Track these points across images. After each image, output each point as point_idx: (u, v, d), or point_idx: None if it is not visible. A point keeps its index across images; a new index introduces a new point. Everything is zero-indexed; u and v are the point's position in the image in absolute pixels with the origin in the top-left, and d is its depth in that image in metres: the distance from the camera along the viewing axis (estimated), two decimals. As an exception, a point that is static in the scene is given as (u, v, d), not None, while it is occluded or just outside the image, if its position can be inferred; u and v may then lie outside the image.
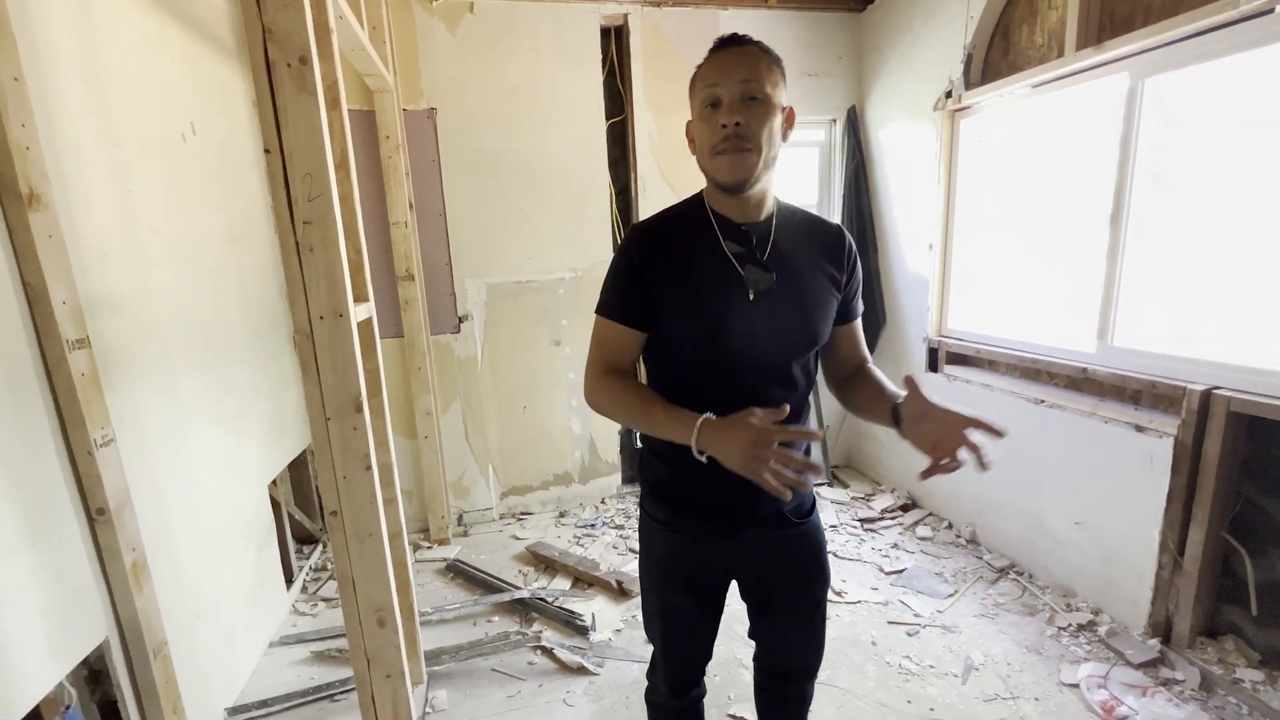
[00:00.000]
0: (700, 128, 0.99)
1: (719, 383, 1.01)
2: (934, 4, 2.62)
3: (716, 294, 0.99)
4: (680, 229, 1.04)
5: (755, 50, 0.95)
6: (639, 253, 1.02)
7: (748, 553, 1.10)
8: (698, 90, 0.98)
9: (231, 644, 1.90)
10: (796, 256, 1.03)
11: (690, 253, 1.02)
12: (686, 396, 0.99)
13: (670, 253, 1.02)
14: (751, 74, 0.93)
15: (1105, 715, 1.68)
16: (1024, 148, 2.39)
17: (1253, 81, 1.67)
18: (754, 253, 1.01)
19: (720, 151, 0.94)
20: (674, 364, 1.06)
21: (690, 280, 1.00)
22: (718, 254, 1.01)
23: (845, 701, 1.79)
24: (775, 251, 1.02)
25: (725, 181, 0.97)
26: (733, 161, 0.94)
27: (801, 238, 1.05)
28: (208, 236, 1.99)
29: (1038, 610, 2.17)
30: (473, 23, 2.69)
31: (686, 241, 1.03)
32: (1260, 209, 1.68)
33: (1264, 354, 1.68)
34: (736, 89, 0.93)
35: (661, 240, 1.03)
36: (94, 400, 1.33)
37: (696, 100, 0.99)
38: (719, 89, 0.94)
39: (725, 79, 0.93)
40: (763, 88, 0.93)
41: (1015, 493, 2.43)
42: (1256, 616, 1.74)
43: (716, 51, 0.97)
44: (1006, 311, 2.53)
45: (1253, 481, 1.72)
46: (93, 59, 1.48)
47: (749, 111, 0.93)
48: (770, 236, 1.03)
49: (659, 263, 1.01)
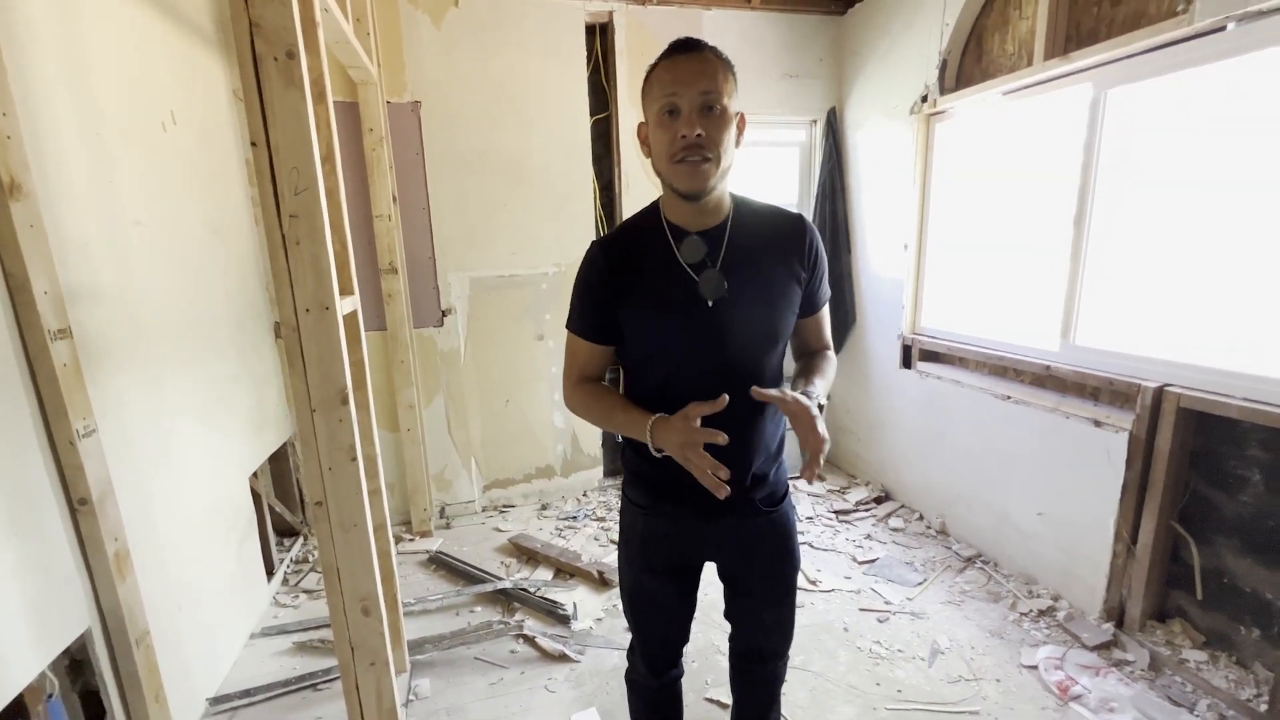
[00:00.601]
0: (657, 134, 0.98)
1: (687, 387, 1.04)
2: (912, 10, 2.69)
3: (675, 305, 1.03)
4: (637, 243, 1.07)
5: (712, 58, 0.96)
6: (597, 271, 1.06)
7: (721, 538, 1.16)
8: (654, 95, 0.97)
9: (213, 635, 1.90)
10: (755, 255, 1.05)
11: (647, 266, 1.05)
12: (659, 401, 1.04)
13: (628, 268, 1.05)
14: (711, 84, 0.93)
15: (1061, 694, 1.78)
16: (995, 152, 2.48)
17: (1205, 96, 1.76)
18: (708, 259, 1.03)
19: (679, 160, 0.96)
20: (644, 372, 1.11)
21: (649, 294, 1.04)
22: (673, 265, 1.03)
23: (818, 685, 1.86)
24: (732, 253, 1.04)
25: (684, 190, 0.99)
26: (692, 171, 0.96)
27: (760, 234, 1.07)
28: (189, 227, 1.98)
29: (1001, 597, 2.27)
30: (458, 16, 2.69)
31: (643, 255, 1.05)
32: (1211, 218, 1.77)
33: (1211, 354, 1.78)
34: (696, 100, 0.93)
35: (619, 257, 1.06)
36: (76, 391, 1.33)
37: (653, 105, 0.98)
38: (678, 98, 0.94)
39: (684, 88, 0.93)
40: (721, 98, 0.94)
41: (983, 486, 2.53)
42: (1201, 601, 1.85)
43: (672, 56, 0.96)
44: (976, 310, 2.62)
45: (1199, 473, 1.83)
46: (73, 46, 1.47)
47: (708, 122, 0.94)
48: (725, 238, 1.04)
49: (617, 280, 1.05)
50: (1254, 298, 1.70)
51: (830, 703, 1.79)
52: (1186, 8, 1.68)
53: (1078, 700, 1.75)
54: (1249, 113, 1.67)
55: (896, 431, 3.04)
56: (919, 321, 2.93)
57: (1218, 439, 1.78)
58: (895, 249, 2.96)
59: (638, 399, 1.11)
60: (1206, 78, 1.74)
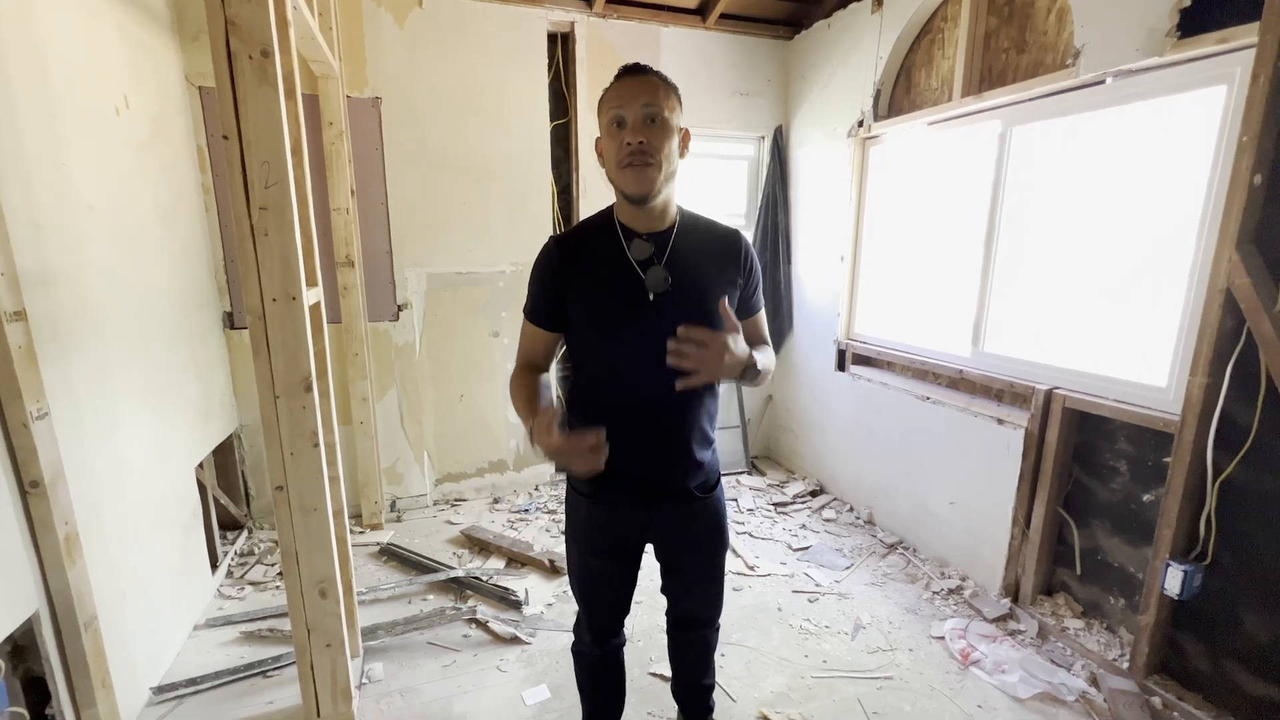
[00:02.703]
0: (607, 144, 1.11)
1: (626, 374, 1.17)
2: (851, 43, 2.92)
3: (619, 295, 1.15)
4: (590, 239, 1.20)
5: (655, 79, 1.09)
6: (550, 262, 1.18)
7: (659, 521, 1.28)
8: (605, 110, 1.11)
9: (157, 624, 1.89)
10: (696, 260, 1.18)
11: (598, 260, 1.17)
12: (600, 386, 1.17)
13: (580, 261, 1.17)
14: (652, 99, 1.07)
15: (962, 660, 2.00)
16: (921, 175, 2.73)
17: (1090, 139, 2.03)
18: (654, 258, 1.16)
19: (626, 165, 1.08)
20: (588, 358, 1.23)
21: (596, 284, 1.16)
22: (621, 260, 1.15)
23: (753, 658, 2.03)
24: (675, 256, 1.16)
25: (631, 193, 1.11)
26: (637, 174, 1.08)
27: (701, 242, 1.20)
28: (139, 213, 1.96)
29: (918, 578, 2.51)
30: (421, 17, 2.74)
31: (595, 250, 1.18)
32: (1092, 244, 2.05)
33: (1090, 360, 2.05)
34: (639, 111, 1.06)
35: (572, 251, 1.19)
36: (30, 373, 1.33)
37: (604, 119, 1.11)
38: (623, 110, 1.07)
39: (629, 102, 1.07)
40: (662, 111, 1.07)
41: (904, 478, 2.77)
42: (1080, 575, 2.13)
43: (621, 78, 1.10)
44: (903, 318, 2.87)
45: (1080, 465, 2.10)
46: (26, 25, 1.46)
47: (650, 131, 1.07)
48: (670, 242, 1.17)
49: (569, 271, 1.17)
50: (1122, 312, 1.98)
51: (763, 673, 1.96)
52: (1074, 61, 1.94)
53: (976, 664, 1.98)
54: (1121, 157, 1.95)
55: (831, 430, 3.27)
56: (853, 328, 3.17)
57: (1094, 434, 2.05)
58: (832, 260, 3.19)
59: (584, 386, 1.24)
60: (1091, 123, 2.02)
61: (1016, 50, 2.21)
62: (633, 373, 1.17)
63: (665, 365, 1.14)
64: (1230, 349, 1.61)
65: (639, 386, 1.17)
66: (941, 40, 2.53)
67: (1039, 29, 2.12)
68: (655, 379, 1.10)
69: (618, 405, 1.19)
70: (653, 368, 1.14)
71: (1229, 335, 1.61)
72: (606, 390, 1.19)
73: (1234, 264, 1.56)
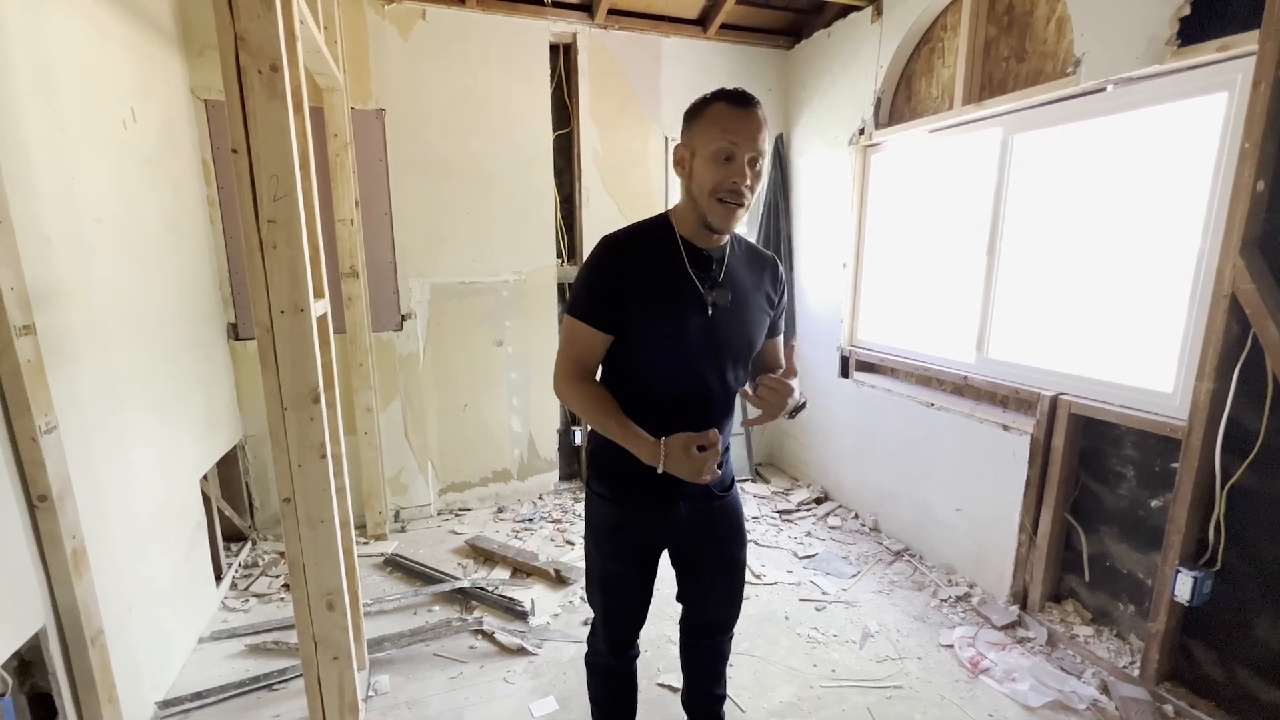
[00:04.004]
0: (706, 169, 1.10)
1: (671, 380, 1.19)
2: (851, 52, 2.94)
3: (681, 308, 1.17)
4: (650, 248, 1.19)
5: (761, 118, 1.10)
6: (614, 265, 1.17)
7: (680, 521, 1.29)
8: (712, 135, 1.08)
9: (163, 638, 1.88)
10: (744, 279, 1.23)
11: (659, 270, 1.18)
12: (641, 389, 1.19)
13: (641, 268, 1.17)
14: (761, 145, 1.09)
15: (972, 668, 1.99)
16: (923, 182, 2.74)
17: (1092, 146, 2.05)
18: (713, 274, 1.20)
19: (723, 200, 1.10)
20: (636, 364, 1.22)
21: (659, 294, 1.17)
22: (684, 274, 1.18)
23: (760, 668, 2.01)
24: (728, 274, 1.21)
25: (717, 225, 1.13)
26: (729, 213, 1.11)
27: (747, 263, 1.26)
28: (146, 225, 1.97)
29: (925, 586, 2.50)
30: (425, 29, 2.76)
31: (656, 260, 1.18)
32: (1096, 250, 2.06)
33: (1095, 366, 2.06)
34: (750, 153, 1.08)
35: (633, 256, 1.18)
36: (39, 387, 1.33)
37: (709, 144, 1.09)
38: (737, 147, 1.07)
39: (744, 140, 1.07)
40: (761, 158, 1.11)
41: (909, 485, 2.77)
42: (1089, 582, 2.12)
43: (736, 105, 1.09)
44: (906, 325, 2.88)
45: (1087, 471, 2.10)
46: (37, 39, 1.47)
47: (753, 174, 1.10)
48: (725, 261, 1.22)
49: (631, 276, 1.16)
50: (1126, 318, 1.98)
51: (772, 683, 1.94)
52: (1075, 70, 1.96)
53: (986, 673, 1.97)
54: (1123, 164, 1.96)
55: (835, 437, 3.27)
56: (856, 334, 3.17)
57: (1101, 440, 2.05)
58: (834, 267, 3.20)
59: (620, 387, 1.22)
60: (1093, 130, 2.03)
61: (1017, 59, 2.23)
62: (679, 379, 1.20)
63: (711, 374, 1.20)
64: (1236, 354, 1.61)
65: (683, 392, 1.21)
66: (942, 49, 2.55)
67: (1039, 38, 2.14)
68: (700, 386, 1.15)
69: (655, 408, 1.20)
70: (701, 375, 1.20)
71: (1234, 340, 1.61)
72: (647, 393, 1.21)
73: (1238, 269, 1.57)
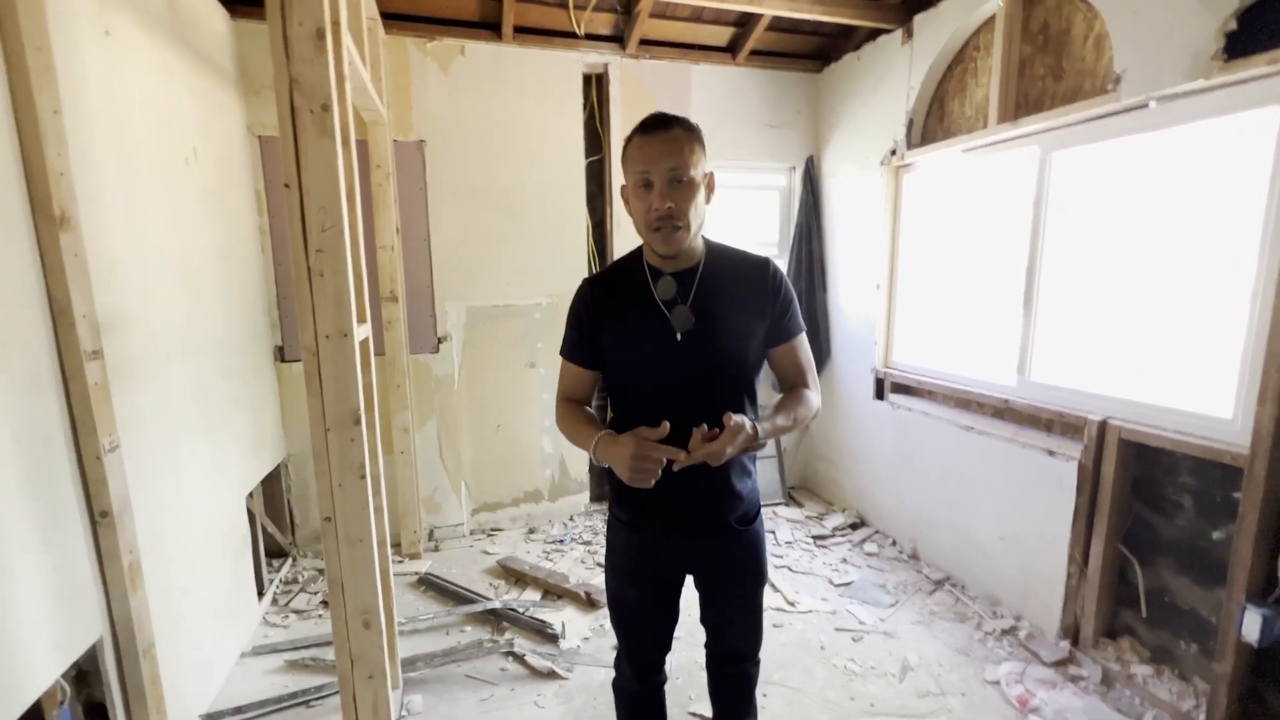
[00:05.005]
0: (635, 203, 1.14)
1: (660, 409, 1.14)
2: (880, 74, 2.95)
3: (647, 335, 1.18)
4: (620, 281, 1.24)
5: (680, 133, 1.09)
6: (585, 304, 1.24)
7: (697, 553, 1.28)
8: (630, 169, 1.13)
9: (206, 651, 1.94)
10: (722, 294, 1.18)
11: (627, 301, 1.21)
12: (635, 420, 1.15)
13: (611, 302, 1.22)
14: (677, 160, 1.08)
15: (1020, 707, 1.90)
16: (958, 202, 2.70)
17: (1134, 163, 1.99)
18: (679, 297, 1.17)
19: (655, 229, 1.11)
20: (623, 394, 1.27)
21: (627, 324, 1.20)
22: (649, 301, 1.19)
23: (795, 700, 1.96)
24: (701, 292, 1.18)
25: (661, 252, 1.16)
26: (665, 237, 1.12)
27: (728, 275, 1.20)
28: (203, 254, 2.09)
29: (968, 617, 2.40)
30: (464, 64, 2.88)
31: (624, 292, 1.22)
32: (1142, 270, 1.99)
33: (1146, 390, 1.97)
34: (665, 175, 1.08)
35: (604, 293, 1.24)
36: (104, 408, 1.41)
37: (630, 177, 1.14)
38: (649, 173, 1.09)
39: (654, 164, 1.08)
40: (687, 171, 1.08)
41: (950, 511, 2.68)
42: (1146, 618, 2.00)
43: (645, 133, 1.11)
44: (943, 346, 2.81)
45: (1140, 500, 2.00)
46: (115, 89, 1.59)
47: (677, 193, 1.09)
48: (696, 280, 1.19)
49: (601, 312, 1.22)
50: (1178, 340, 1.90)
51: (807, 715, 1.88)
52: (1115, 86, 1.92)
53: (1035, 713, 1.87)
54: (1169, 180, 1.90)
55: (870, 460, 3.19)
56: (890, 356, 3.11)
57: (1155, 467, 1.95)
58: (868, 288, 3.16)
59: (621, 419, 1.26)
60: (1135, 147, 1.98)
61: (1054, 77, 2.20)
62: (664, 409, 1.16)
63: (694, 396, 1.17)
64: (1301, 378, 1.53)
65: (665, 414, 1.15)
66: (975, 69, 2.53)
67: (1076, 55, 2.10)
68: (687, 415, 1.10)
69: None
70: (683, 403, 1.16)
71: (1299, 363, 1.53)
72: (641, 420, 1.17)
73: (1300, 289, 1.49)
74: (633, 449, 1.06)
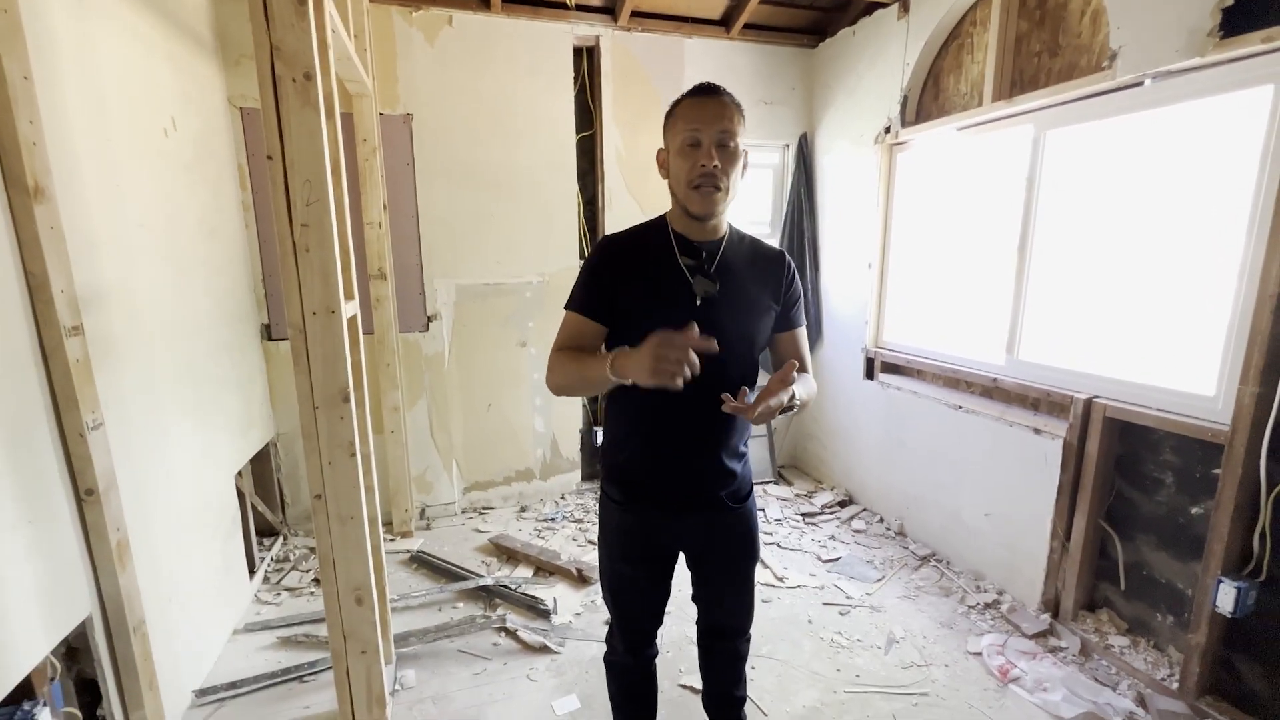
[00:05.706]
0: (678, 162, 1.14)
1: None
2: (876, 50, 2.90)
3: (668, 297, 1.18)
4: (643, 243, 1.23)
5: (730, 102, 1.13)
6: (605, 259, 1.22)
7: (690, 531, 1.29)
8: (678, 129, 1.13)
9: (199, 628, 1.94)
10: (740, 272, 1.21)
11: (649, 263, 1.20)
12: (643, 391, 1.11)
13: (632, 262, 1.20)
14: (728, 125, 1.10)
15: (1001, 677, 1.95)
16: (951, 181, 2.69)
17: (1128, 142, 1.99)
18: (703, 265, 1.19)
19: (696, 186, 1.12)
20: None
21: (647, 285, 1.19)
22: (672, 265, 1.19)
23: (783, 671, 2.00)
24: (722, 266, 1.20)
25: (696, 212, 1.15)
26: (705, 197, 1.12)
27: (746, 258, 1.24)
28: (185, 230, 2.04)
29: (952, 592, 2.45)
30: (451, 35, 2.80)
31: (647, 254, 1.21)
32: (1132, 249, 1.99)
33: (1132, 368, 1.99)
34: (715, 136, 1.10)
35: (625, 251, 1.22)
36: (86, 385, 1.39)
37: (676, 137, 1.14)
38: (700, 132, 1.10)
39: (706, 125, 1.10)
40: (734, 137, 1.11)
41: (937, 489, 2.72)
42: (1125, 591, 2.05)
43: (697, 96, 1.13)
44: (933, 326, 2.83)
45: (1123, 476, 2.04)
46: (88, 56, 1.54)
47: (723, 155, 1.11)
48: (719, 253, 1.21)
49: (621, 269, 1.20)
50: (1164, 319, 1.92)
51: (795, 687, 1.93)
52: (1111, 64, 1.90)
53: (1016, 682, 1.92)
54: (1162, 159, 1.90)
55: (860, 439, 3.23)
56: (881, 335, 3.12)
57: (1138, 445, 1.99)
58: (860, 267, 3.16)
59: (629, 394, 1.19)
60: (1129, 126, 1.97)
61: (1049, 53, 2.18)
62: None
63: (707, 369, 1.15)
64: (1283, 356, 1.55)
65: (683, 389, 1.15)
66: (970, 45, 2.50)
67: (1072, 31, 2.08)
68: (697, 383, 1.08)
69: (655, 409, 1.20)
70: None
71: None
72: (645, 392, 1.17)
73: (1286, 268, 1.51)
74: (655, 339, 0.96)
